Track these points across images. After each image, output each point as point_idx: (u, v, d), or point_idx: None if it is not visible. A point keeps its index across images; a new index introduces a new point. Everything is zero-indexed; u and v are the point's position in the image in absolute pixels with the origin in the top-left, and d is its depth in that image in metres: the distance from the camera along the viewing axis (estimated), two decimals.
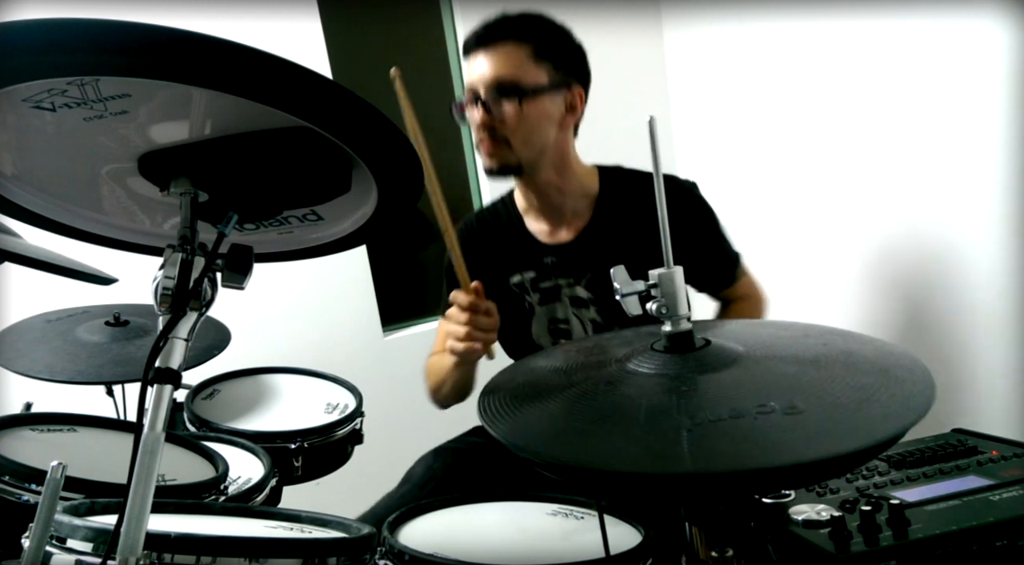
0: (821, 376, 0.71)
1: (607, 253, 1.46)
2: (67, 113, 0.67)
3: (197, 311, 0.74)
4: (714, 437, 0.62)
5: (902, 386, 0.67)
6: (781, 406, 0.64)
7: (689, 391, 0.70)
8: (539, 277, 1.54)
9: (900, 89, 1.73)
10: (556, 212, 1.54)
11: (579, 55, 1.49)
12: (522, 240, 1.56)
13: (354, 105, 0.66)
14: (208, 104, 0.68)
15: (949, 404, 1.71)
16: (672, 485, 0.64)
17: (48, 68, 0.61)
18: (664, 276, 0.76)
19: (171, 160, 0.74)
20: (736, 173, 2.29)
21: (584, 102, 1.49)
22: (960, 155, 1.62)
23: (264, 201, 0.80)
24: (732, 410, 0.64)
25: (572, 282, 1.52)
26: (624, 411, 0.71)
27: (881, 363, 0.73)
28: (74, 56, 0.59)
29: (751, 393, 0.68)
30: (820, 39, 1.92)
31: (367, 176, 0.76)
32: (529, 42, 1.41)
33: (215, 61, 0.60)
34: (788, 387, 0.68)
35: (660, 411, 0.68)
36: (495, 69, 1.40)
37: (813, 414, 0.63)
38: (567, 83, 1.45)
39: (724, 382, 0.71)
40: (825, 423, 0.63)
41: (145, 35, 0.58)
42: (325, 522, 1.01)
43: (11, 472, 0.99)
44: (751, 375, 0.71)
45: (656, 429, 0.66)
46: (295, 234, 0.90)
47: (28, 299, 1.77)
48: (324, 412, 1.61)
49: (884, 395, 0.66)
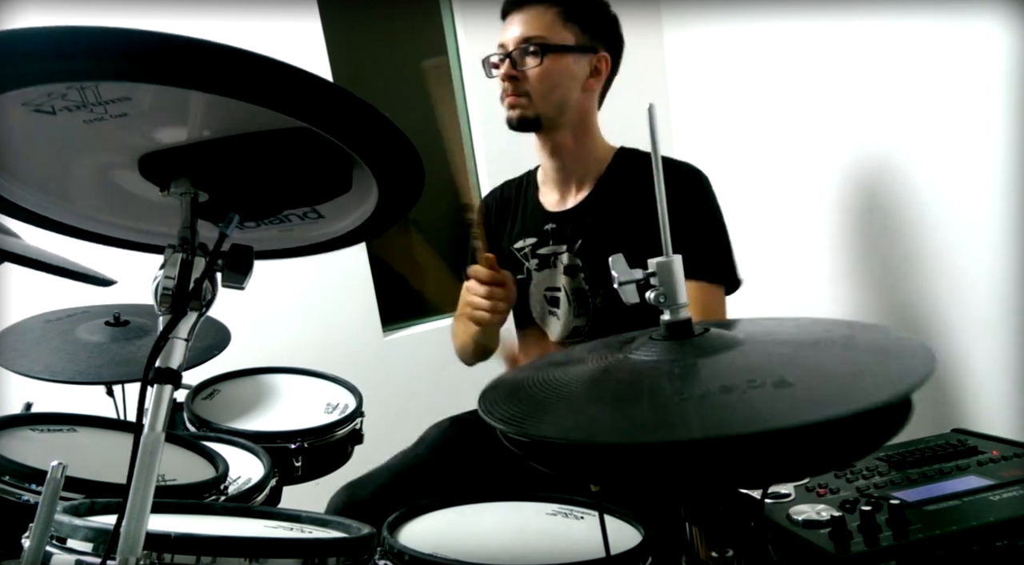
0: (818, 356, 0.70)
1: (601, 223, 1.54)
2: (67, 116, 0.68)
3: (197, 311, 0.74)
4: (701, 409, 0.62)
5: (899, 361, 0.66)
6: (772, 381, 0.63)
7: (683, 372, 0.70)
8: (539, 243, 1.61)
9: (899, 89, 1.73)
10: (566, 178, 1.60)
11: (611, 23, 1.56)
12: (531, 208, 1.65)
13: (353, 106, 0.66)
14: (208, 106, 0.68)
15: (949, 404, 1.71)
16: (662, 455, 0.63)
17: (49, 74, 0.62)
18: (663, 265, 0.76)
19: (171, 161, 0.74)
20: (736, 171, 2.29)
21: (610, 68, 1.56)
22: (960, 154, 1.62)
23: (264, 201, 0.80)
24: (722, 386, 0.64)
25: (565, 249, 1.58)
26: (615, 392, 0.71)
27: (882, 344, 0.72)
28: (75, 63, 0.60)
29: (744, 371, 0.67)
30: (820, 39, 1.92)
31: (368, 175, 0.76)
32: (560, 5, 1.50)
33: (213, 65, 0.60)
34: (781, 365, 0.67)
35: (653, 390, 0.68)
36: (524, 27, 1.49)
37: (803, 386, 0.62)
38: (593, 48, 1.52)
39: (719, 363, 0.70)
40: (815, 392, 0.62)
41: (144, 41, 0.58)
42: (325, 522, 1.01)
43: (11, 472, 0.98)
44: (746, 357, 0.71)
45: (645, 404, 0.65)
46: (295, 232, 0.90)
47: (28, 299, 1.77)
48: (324, 412, 1.61)
49: (879, 369, 0.65)
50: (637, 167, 1.55)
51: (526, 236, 1.63)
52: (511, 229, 1.67)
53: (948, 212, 1.67)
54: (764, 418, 0.58)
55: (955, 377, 1.69)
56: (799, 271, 2.12)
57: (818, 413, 0.57)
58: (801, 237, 2.10)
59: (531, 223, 1.63)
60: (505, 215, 1.70)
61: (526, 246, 1.63)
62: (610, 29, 1.56)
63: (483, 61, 1.56)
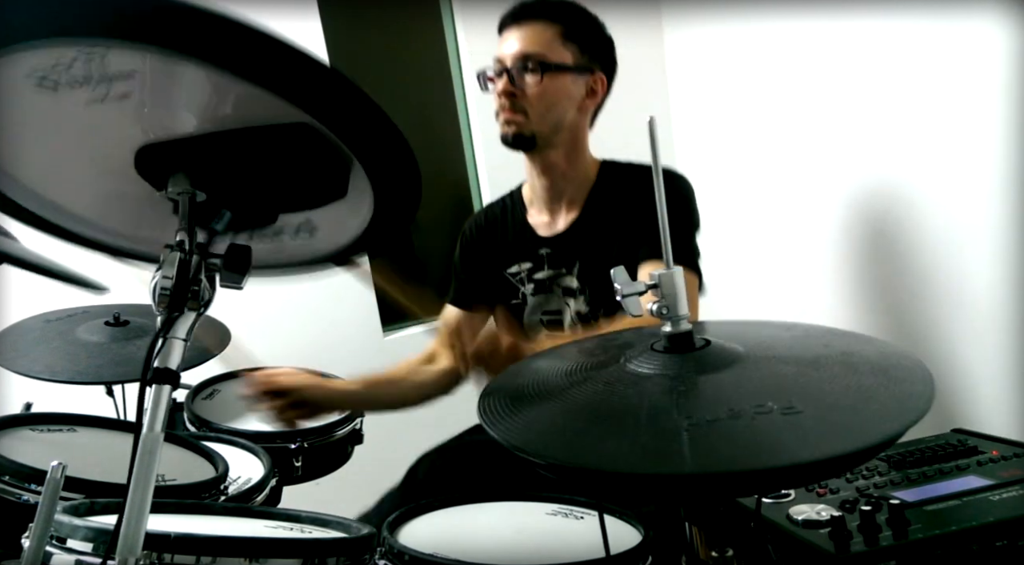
0: (820, 376, 0.70)
1: (596, 243, 1.52)
2: (69, 94, 0.67)
3: (195, 311, 0.74)
4: (712, 437, 0.62)
5: (901, 386, 0.67)
6: (779, 406, 0.64)
7: (687, 391, 0.70)
8: (535, 268, 1.58)
9: (899, 89, 1.73)
10: (556, 197, 1.58)
11: (607, 45, 1.56)
12: (522, 232, 1.62)
13: (352, 93, 0.66)
14: (209, 95, 0.68)
15: (949, 404, 1.71)
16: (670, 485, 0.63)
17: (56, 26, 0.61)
18: (664, 277, 0.76)
19: (168, 154, 0.74)
20: (736, 172, 2.29)
21: (605, 90, 1.55)
22: (960, 154, 1.62)
23: (260, 201, 0.80)
24: (730, 410, 0.64)
25: (564, 272, 1.56)
26: (622, 411, 0.70)
27: (881, 364, 0.72)
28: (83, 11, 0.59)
29: (749, 393, 0.67)
30: (820, 39, 1.92)
31: (363, 184, 0.75)
32: (560, 23, 1.49)
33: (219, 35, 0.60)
34: (786, 387, 0.68)
35: (658, 411, 0.68)
36: (523, 44, 1.48)
37: (811, 414, 0.63)
38: (590, 68, 1.51)
39: (723, 382, 0.70)
40: (823, 423, 0.62)
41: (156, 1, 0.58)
42: (325, 522, 1.01)
43: (11, 472, 0.98)
44: (750, 375, 0.71)
45: (653, 429, 0.65)
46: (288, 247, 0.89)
47: (28, 299, 1.77)
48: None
49: (883, 395, 0.65)
50: (622, 180, 1.54)
51: (520, 261, 1.59)
52: (501, 253, 1.63)
53: (948, 212, 1.67)
54: (776, 453, 0.59)
55: (955, 377, 1.69)
56: (799, 272, 2.12)
57: (831, 449, 0.58)
58: (801, 238, 2.10)
59: (524, 247, 1.60)
60: (492, 238, 1.66)
61: (522, 271, 1.59)
62: (607, 50, 1.55)
63: (478, 75, 1.54)
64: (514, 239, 1.62)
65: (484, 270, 1.44)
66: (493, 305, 1.65)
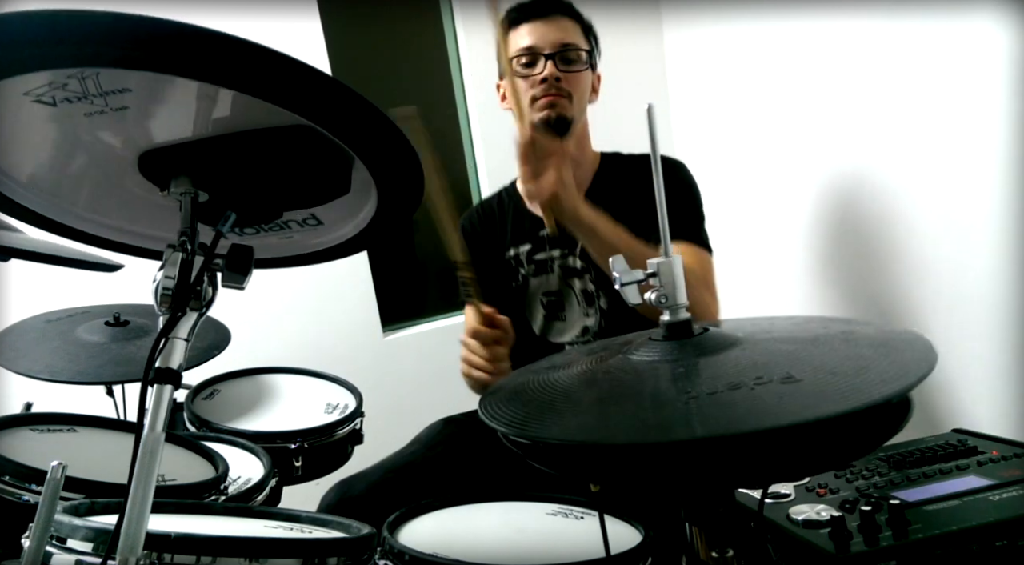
0: (820, 351, 0.70)
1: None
2: (68, 108, 0.67)
3: (197, 311, 0.74)
4: (712, 406, 0.62)
5: (901, 354, 0.66)
6: (778, 377, 0.63)
7: (687, 372, 0.70)
8: (534, 249, 1.62)
9: (899, 89, 1.73)
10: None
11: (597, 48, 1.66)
12: (520, 216, 1.65)
13: (352, 102, 0.65)
14: (208, 101, 0.68)
15: (949, 404, 1.71)
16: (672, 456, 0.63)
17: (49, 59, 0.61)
18: (663, 265, 0.76)
19: (171, 158, 0.74)
20: (735, 168, 2.29)
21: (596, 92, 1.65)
22: (960, 154, 1.62)
23: (264, 201, 0.80)
24: (729, 383, 0.64)
25: (566, 252, 1.59)
26: (623, 395, 0.71)
27: (880, 338, 0.72)
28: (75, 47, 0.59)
29: (748, 368, 0.67)
30: (820, 39, 1.92)
31: (367, 179, 0.76)
32: (580, 22, 1.59)
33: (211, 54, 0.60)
34: (786, 362, 0.67)
35: (660, 391, 0.68)
36: (563, 33, 1.55)
37: (811, 381, 0.62)
38: (595, 67, 1.62)
39: (722, 362, 0.70)
40: (824, 387, 0.61)
41: (147, 27, 0.58)
42: (325, 522, 1.01)
43: (11, 472, 0.98)
44: (749, 354, 0.71)
45: (655, 404, 0.66)
46: (295, 240, 0.90)
47: (28, 299, 1.77)
48: (324, 412, 1.61)
49: (883, 362, 0.64)
50: (623, 169, 1.62)
51: (520, 243, 1.63)
52: (501, 239, 1.67)
53: (948, 212, 1.67)
54: (777, 413, 0.58)
55: (955, 377, 1.69)
56: (796, 268, 2.12)
57: (831, 407, 0.57)
58: (799, 236, 2.10)
59: (524, 230, 1.64)
60: (492, 228, 1.69)
61: (520, 252, 1.63)
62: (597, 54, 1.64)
63: (509, 60, 1.54)
64: (514, 223, 1.66)
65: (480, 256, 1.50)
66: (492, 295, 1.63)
